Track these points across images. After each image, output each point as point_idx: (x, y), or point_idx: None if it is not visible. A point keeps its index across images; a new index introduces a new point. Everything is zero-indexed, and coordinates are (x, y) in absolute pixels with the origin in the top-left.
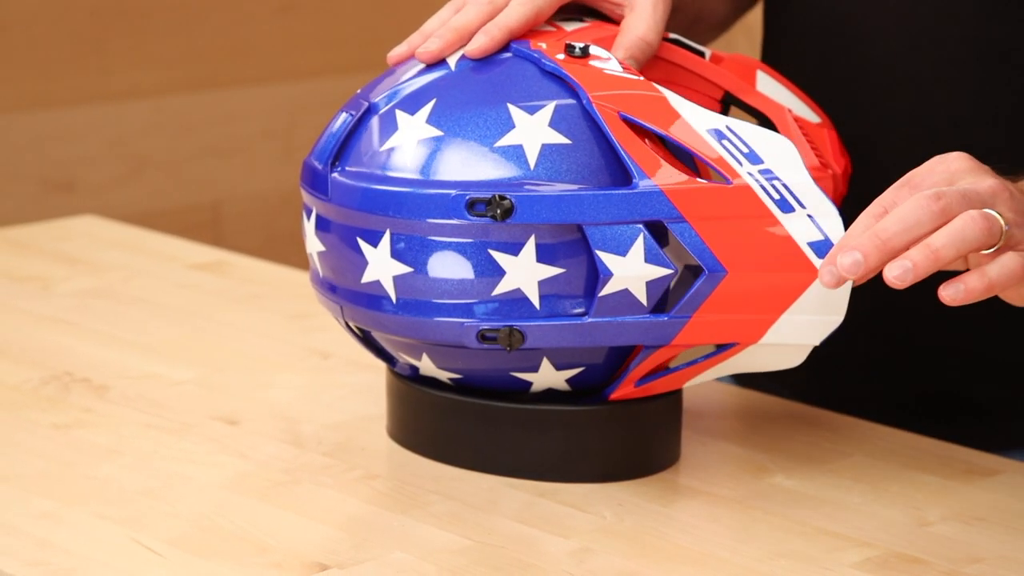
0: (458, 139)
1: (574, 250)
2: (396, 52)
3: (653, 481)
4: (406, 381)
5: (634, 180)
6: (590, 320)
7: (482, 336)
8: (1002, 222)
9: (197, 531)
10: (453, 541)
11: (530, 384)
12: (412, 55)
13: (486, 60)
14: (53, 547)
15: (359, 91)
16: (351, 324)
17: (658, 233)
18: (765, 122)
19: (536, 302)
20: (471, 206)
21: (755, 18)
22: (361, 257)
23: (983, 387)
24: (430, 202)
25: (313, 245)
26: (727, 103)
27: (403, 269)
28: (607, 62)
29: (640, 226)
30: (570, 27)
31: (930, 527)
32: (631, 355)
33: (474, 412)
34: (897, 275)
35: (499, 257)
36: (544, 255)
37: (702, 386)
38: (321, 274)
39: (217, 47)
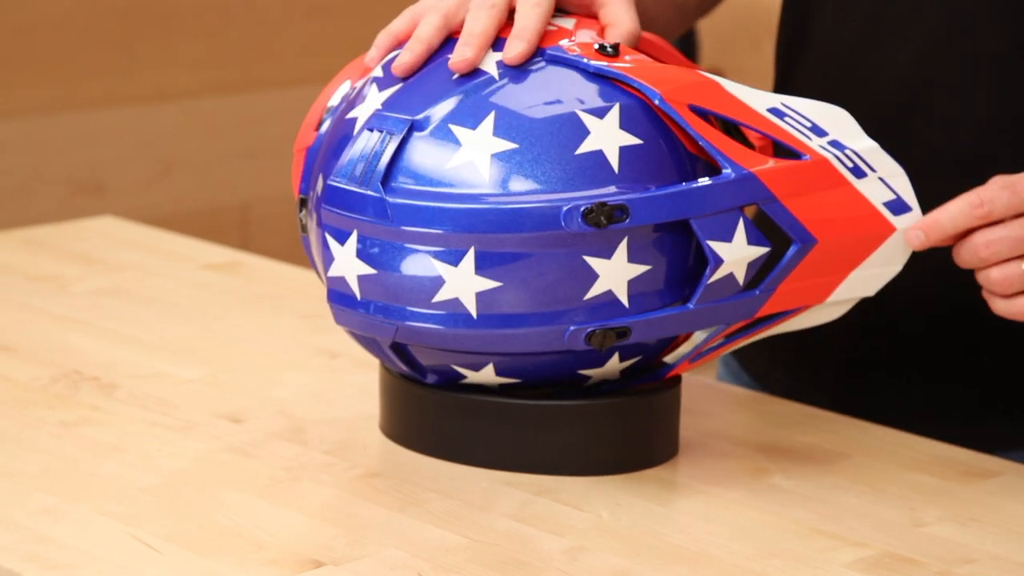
0: (536, 150)
1: (663, 245)
2: (402, 61)
3: (652, 480)
4: (399, 378)
5: (725, 169)
6: (693, 308)
7: (589, 339)
8: None
9: (195, 528)
10: (448, 539)
11: (589, 379)
12: (417, 62)
13: (524, 67)
14: (52, 542)
15: (381, 107)
16: (402, 343)
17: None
18: None
19: (625, 301)
20: (576, 215)
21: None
22: (435, 276)
23: (991, 388)
24: (525, 215)
25: (350, 268)
26: None
27: (489, 284)
28: (640, 57)
29: (739, 211)
30: (568, 26)
31: (925, 528)
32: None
33: (472, 408)
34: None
35: (592, 262)
36: (635, 255)
37: (705, 385)
38: (360, 296)
39: (245, 50)
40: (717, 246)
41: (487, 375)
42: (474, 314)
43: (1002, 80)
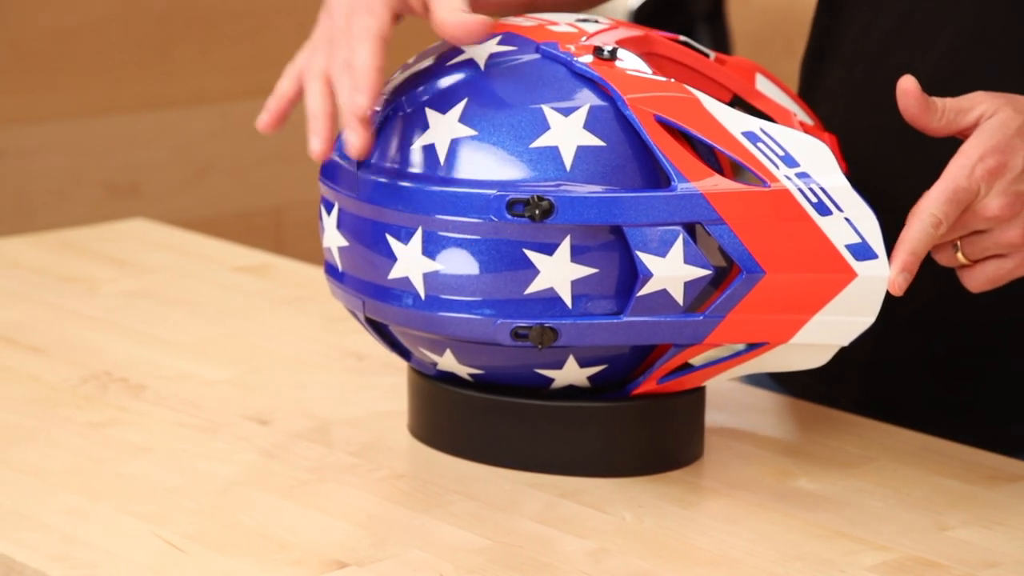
0: (493, 139)
1: (608, 251)
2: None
3: (676, 482)
4: (427, 378)
5: (673, 182)
6: (626, 319)
7: (515, 334)
8: None
9: (219, 527)
10: (472, 540)
11: (552, 380)
12: (273, 119)
13: (515, 61)
14: (77, 542)
15: (385, 88)
16: (372, 319)
17: (693, 234)
18: None
19: (568, 301)
20: (510, 206)
21: (802, 27)
22: (389, 254)
23: (1018, 390)
24: (466, 201)
25: (333, 240)
26: (734, 105)
27: (434, 266)
28: (635, 64)
29: (679, 227)
30: (590, 28)
31: (950, 531)
32: (653, 352)
33: (496, 408)
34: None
35: (534, 256)
36: (578, 255)
37: (731, 388)
38: (341, 268)
39: (282, 54)
40: (648, 259)
41: (450, 362)
42: (422, 295)
43: None
